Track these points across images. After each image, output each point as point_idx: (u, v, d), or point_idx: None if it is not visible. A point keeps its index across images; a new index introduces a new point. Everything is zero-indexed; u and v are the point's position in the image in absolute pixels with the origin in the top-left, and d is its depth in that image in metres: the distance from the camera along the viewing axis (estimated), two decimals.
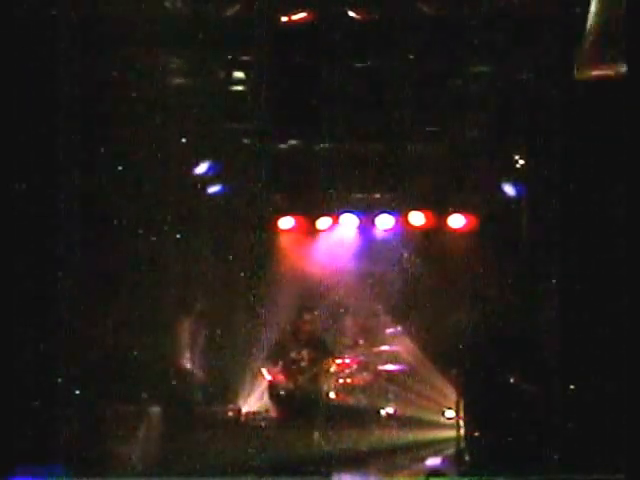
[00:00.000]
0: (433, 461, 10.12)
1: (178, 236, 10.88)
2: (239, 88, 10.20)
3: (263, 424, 10.84)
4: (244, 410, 11.32)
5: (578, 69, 8.18)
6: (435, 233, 12.69)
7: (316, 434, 10.09)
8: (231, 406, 11.30)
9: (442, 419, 11.00)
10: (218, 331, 10.83)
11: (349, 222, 12.89)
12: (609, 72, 7.75)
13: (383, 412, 11.53)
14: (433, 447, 10.39)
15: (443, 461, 9.81)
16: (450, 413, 10.79)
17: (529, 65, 9.50)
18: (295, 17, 8.91)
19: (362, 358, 11.81)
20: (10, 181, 7.98)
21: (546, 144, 9.52)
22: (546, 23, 8.65)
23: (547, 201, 9.67)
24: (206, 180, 11.82)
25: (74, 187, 8.64)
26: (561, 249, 9.23)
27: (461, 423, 10.04)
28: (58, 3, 8.38)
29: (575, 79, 8.34)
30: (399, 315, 12.34)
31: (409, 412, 11.62)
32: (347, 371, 11.59)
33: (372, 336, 12.27)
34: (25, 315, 7.99)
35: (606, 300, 8.39)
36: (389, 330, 12.28)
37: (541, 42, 8.77)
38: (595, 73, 7.99)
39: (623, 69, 7.55)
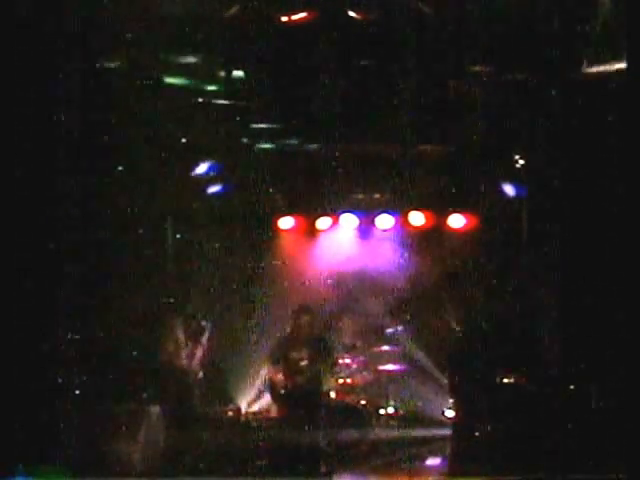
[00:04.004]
0: (433, 461, 10.13)
1: (178, 236, 10.89)
2: (239, 88, 10.19)
3: (263, 424, 10.84)
4: (244, 410, 11.31)
5: (579, 68, 8.20)
6: (435, 233, 12.69)
7: (316, 434, 10.08)
8: (231, 406, 11.30)
9: (442, 419, 11.00)
10: (218, 331, 10.82)
11: (349, 222, 12.89)
12: (610, 70, 7.76)
13: (383, 412, 11.52)
14: (433, 447, 10.39)
15: (443, 461, 9.81)
16: (450, 413, 10.78)
17: (529, 65, 9.49)
18: (295, 17, 8.90)
19: (362, 358, 11.81)
20: (10, 179, 7.99)
21: (546, 144, 9.52)
22: (546, 23, 8.66)
23: (547, 201, 9.68)
24: (206, 180, 11.82)
25: (74, 186, 8.64)
26: (561, 249, 9.23)
27: (461, 423, 10.03)
28: (58, 3, 8.39)
29: (575, 78, 8.37)
30: (399, 315, 12.34)
31: (409, 412, 11.63)
32: (347, 371, 11.59)
33: (372, 336, 12.27)
34: (25, 314, 7.99)
35: (606, 299, 8.40)
36: (389, 330, 12.28)
37: (541, 42, 8.78)
38: (596, 71, 8.00)
39: (623, 67, 7.57)
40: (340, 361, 11.54)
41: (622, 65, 7.86)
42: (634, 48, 7.35)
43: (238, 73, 9.94)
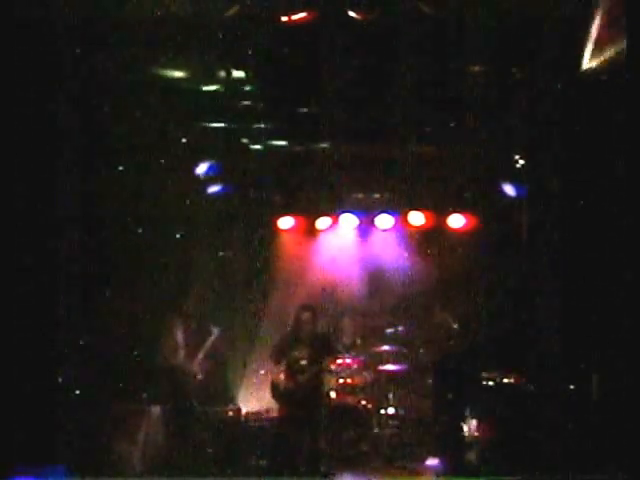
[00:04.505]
0: (433, 461, 10.13)
1: (178, 236, 10.89)
2: (239, 88, 10.19)
3: (263, 424, 10.83)
4: (244, 410, 11.31)
5: (580, 67, 8.20)
6: (435, 233, 12.71)
7: (316, 434, 10.08)
8: (231, 406, 11.30)
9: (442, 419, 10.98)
10: (218, 331, 10.82)
11: (349, 222, 12.90)
12: (610, 68, 7.76)
13: (383, 412, 11.52)
14: (433, 447, 10.39)
15: (443, 461, 9.81)
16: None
17: (529, 65, 9.50)
18: (295, 17, 8.90)
19: (362, 358, 11.81)
20: (10, 179, 7.99)
21: (546, 144, 9.53)
22: (546, 23, 8.66)
23: (547, 201, 9.68)
24: (206, 180, 11.83)
25: (74, 187, 8.64)
26: (561, 249, 9.23)
27: (461, 423, 10.04)
28: (58, 3, 8.39)
29: (576, 77, 8.36)
30: (399, 315, 12.35)
31: (409, 412, 11.63)
32: (347, 371, 11.59)
33: (372, 336, 12.27)
34: (25, 315, 7.99)
35: (606, 299, 8.40)
36: (389, 330, 12.28)
37: (541, 42, 8.78)
38: (596, 70, 8.00)
39: (623, 66, 7.57)
40: (340, 361, 11.54)
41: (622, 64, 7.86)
42: (634, 47, 7.36)
43: (238, 73, 9.94)
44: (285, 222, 12.99)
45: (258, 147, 11.76)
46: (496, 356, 10.25)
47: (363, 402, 11.34)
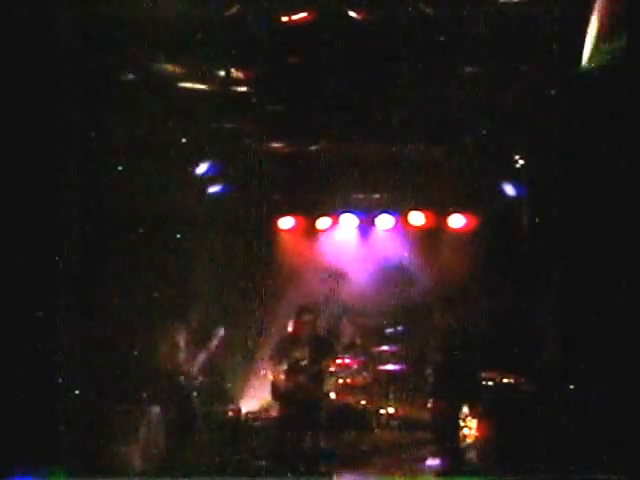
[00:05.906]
0: (433, 461, 10.13)
1: (178, 236, 10.88)
2: (239, 88, 10.19)
3: (263, 424, 10.83)
4: (244, 410, 11.31)
5: (579, 66, 8.20)
6: (435, 233, 12.71)
7: (316, 434, 10.08)
8: (231, 406, 11.30)
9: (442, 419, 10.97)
10: (218, 331, 10.82)
11: (349, 222, 12.91)
12: (609, 69, 7.75)
13: (383, 412, 11.52)
14: (433, 447, 10.38)
15: (443, 461, 9.81)
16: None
17: (528, 65, 9.50)
18: (295, 17, 8.90)
19: (362, 358, 11.81)
20: (10, 179, 7.99)
21: (546, 144, 9.53)
22: (546, 23, 8.66)
23: (547, 201, 9.68)
24: (206, 180, 11.82)
25: (74, 187, 8.64)
26: (561, 249, 9.23)
27: (461, 423, 10.04)
28: (58, 3, 8.39)
29: (575, 76, 8.36)
30: (399, 315, 12.35)
31: (409, 412, 11.63)
32: (347, 371, 11.59)
33: (372, 336, 12.27)
34: (25, 315, 7.99)
35: (606, 300, 8.40)
36: (389, 330, 12.28)
37: (541, 41, 8.78)
38: (595, 70, 8.00)
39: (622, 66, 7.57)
40: (340, 361, 11.54)
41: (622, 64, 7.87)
42: (634, 47, 7.36)
43: (238, 73, 9.94)
44: (285, 222, 12.99)
45: (258, 147, 11.75)
46: (496, 356, 10.24)
47: (363, 402, 11.34)
